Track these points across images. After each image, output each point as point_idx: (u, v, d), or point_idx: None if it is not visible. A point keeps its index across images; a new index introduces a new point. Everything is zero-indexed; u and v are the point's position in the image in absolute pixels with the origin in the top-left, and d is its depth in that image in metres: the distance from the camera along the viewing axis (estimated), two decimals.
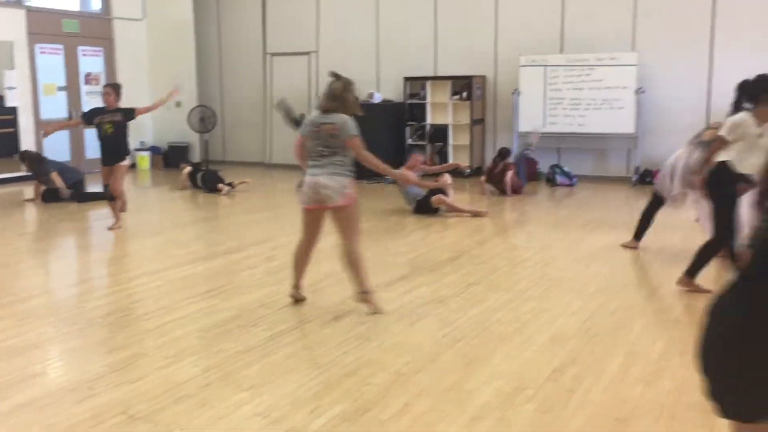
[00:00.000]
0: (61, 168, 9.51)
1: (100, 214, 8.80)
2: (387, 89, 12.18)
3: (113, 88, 7.45)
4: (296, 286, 4.89)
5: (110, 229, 7.41)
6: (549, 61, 11.07)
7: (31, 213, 8.87)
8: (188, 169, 10.51)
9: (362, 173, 11.57)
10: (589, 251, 6.42)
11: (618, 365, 3.80)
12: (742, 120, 4.97)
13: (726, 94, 5.96)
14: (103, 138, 7.41)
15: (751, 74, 5.29)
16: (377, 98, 11.87)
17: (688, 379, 3.58)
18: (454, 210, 8.16)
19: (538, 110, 11.15)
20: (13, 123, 11.33)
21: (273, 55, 13.22)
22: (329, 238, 6.01)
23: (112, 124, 7.35)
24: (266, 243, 6.84)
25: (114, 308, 4.81)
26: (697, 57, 10.39)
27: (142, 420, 3.14)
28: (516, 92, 11.21)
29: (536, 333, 4.32)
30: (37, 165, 9.31)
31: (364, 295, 4.67)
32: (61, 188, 9.19)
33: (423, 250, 6.69)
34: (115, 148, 7.44)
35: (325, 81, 12.44)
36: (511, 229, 7.74)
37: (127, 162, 7.63)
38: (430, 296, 5.12)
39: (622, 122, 10.63)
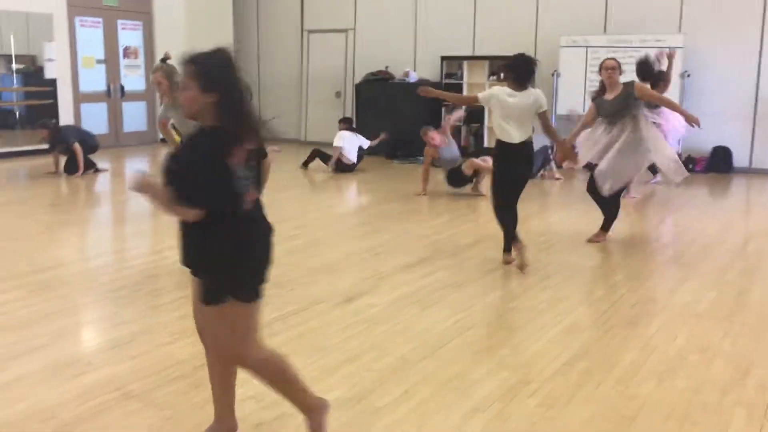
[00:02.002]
0: (81, 135, 9.51)
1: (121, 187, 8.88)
2: (423, 68, 11.99)
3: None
4: None
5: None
6: (591, 42, 10.73)
7: (55, 185, 8.95)
8: None
9: (394, 154, 11.49)
10: (618, 239, 6.21)
11: (631, 360, 3.64)
12: None
13: None
14: None
15: None
16: (413, 77, 11.70)
17: (705, 379, 3.41)
18: (487, 171, 7.95)
19: (578, 93, 10.83)
20: (53, 95, 11.47)
21: (310, 32, 13.12)
22: (354, 218, 5.93)
23: None
24: (291, 222, 6.79)
25: (127, 282, 4.80)
26: (746, 40, 9.95)
27: (136, 398, 3.11)
28: (555, 74, 10.91)
29: (550, 323, 4.17)
30: (55, 135, 9.30)
31: None
32: (78, 164, 9.19)
33: (448, 233, 6.56)
34: None
35: (361, 59, 12.45)
36: (541, 214, 7.54)
37: None
38: (448, 281, 5.00)
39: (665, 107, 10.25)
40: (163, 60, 4.65)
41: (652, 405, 3.17)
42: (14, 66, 11.74)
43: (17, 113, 12.33)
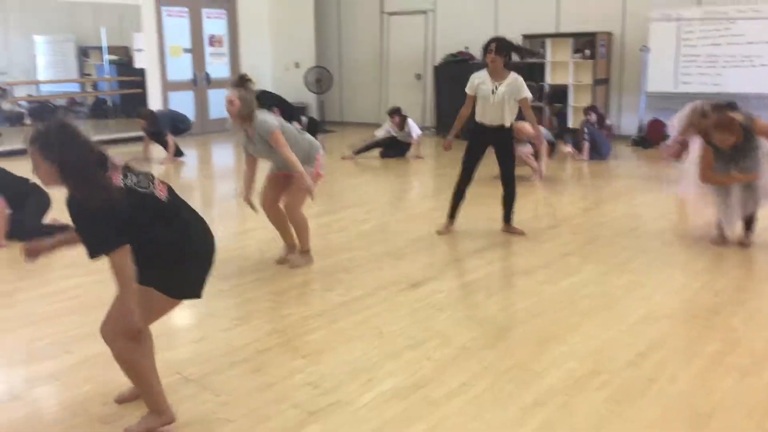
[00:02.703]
0: (174, 119, 9.77)
1: (214, 174, 9.09)
2: None
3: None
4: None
5: None
6: (683, 15, 10.17)
7: (152, 170, 9.25)
8: None
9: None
10: (706, 224, 5.84)
11: (711, 352, 3.40)
12: None
13: None
14: None
15: None
16: None
17: None
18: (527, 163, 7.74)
19: (669, 69, 10.32)
20: (142, 84, 11.87)
21: (390, 14, 13.02)
22: (426, 202, 5.83)
23: None
24: (361, 206, 6.75)
25: None
26: None
27: (195, 383, 3.14)
28: (645, 49, 10.41)
29: (626, 311, 3.96)
30: (151, 123, 9.60)
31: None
32: (169, 153, 9.46)
33: (523, 216, 6.34)
34: None
35: (441, 40, 12.25)
36: (624, 195, 7.20)
37: None
38: (519, 266, 4.85)
39: (764, 81, 9.60)
40: (242, 80, 4.44)
41: (732, 401, 2.94)
42: (107, 57, 12.24)
43: (110, 102, 12.87)
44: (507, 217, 5.66)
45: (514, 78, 5.32)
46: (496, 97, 5.31)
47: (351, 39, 13.60)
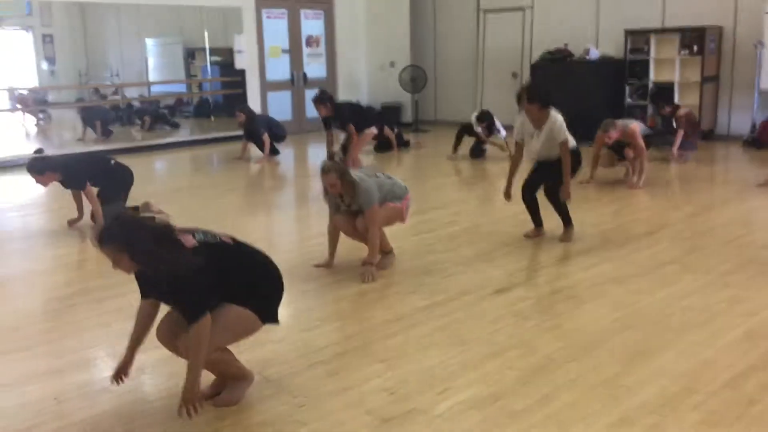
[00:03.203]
0: (271, 124, 9.99)
1: (309, 172, 9.22)
2: (606, 44, 11.25)
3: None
4: None
5: None
6: None
7: (239, 170, 9.48)
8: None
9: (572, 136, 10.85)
10: None
11: None
12: None
13: None
14: None
15: None
16: (594, 54, 11.03)
17: None
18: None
19: None
20: (242, 84, 12.20)
21: (486, 11, 12.82)
22: (515, 205, 5.72)
23: None
24: (448, 208, 6.66)
25: (284, 266, 4.89)
26: None
27: (274, 383, 3.16)
28: (759, 44, 9.77)
29: (727, 327, 3.70)
30: (249, 119, 9.83)
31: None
32: (265, 152, 9.65)
33: (619, 221, 6.11)
34: None
35: (539, 37, 11.94)
36: (733, 200, 6.77)
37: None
38: (612, 274, 4.62)
39: None
40: (331, 158, 4.49)
41: None
42: (210, 58, 12.65)
43: (212, 102, 13.30)
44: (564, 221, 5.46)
45: (553, 121, 5.19)
46: (538, 142, 5.26)
47: (446, 37, 13.49)
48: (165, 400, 3.04)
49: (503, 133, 9.58)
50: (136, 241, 2.64)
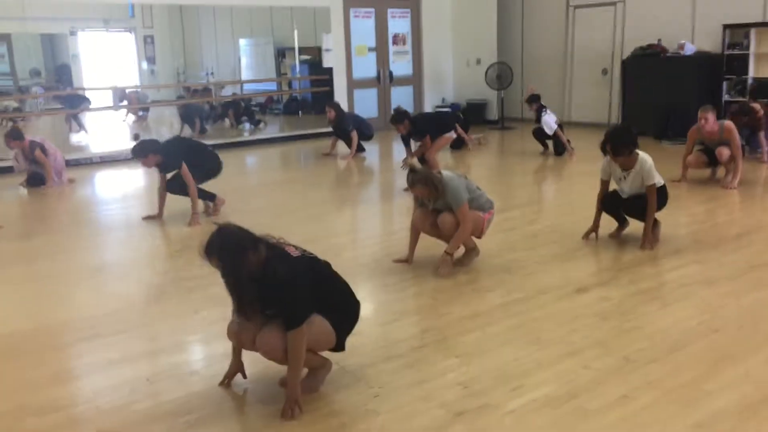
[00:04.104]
0: (358, 123, 10.17)
1: (394, 168, 9.32)
2: (702, 39, 10.84)
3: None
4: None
5: None
6: None
7: (327, 166, 9.68)
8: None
9: (664, 134, 10.52)
10: None
11: None
12: None
13: None
14: None
15: None
16: (689, 50, 10.66)
17: None
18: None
19: None
20: (329, 82, 12.44)
21: (576, 7, 12.58)
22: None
23: None
24: (530, 206, 6.61)
25: (367, 260, 5.04)
26: None
27: (350, 374, 3.26)
28: None
29: None
30: (339, 116, 10.02)
31: None
32: (351, 150, 9.84)
33: (708, 223, 5.90)
34: None
35: (631, 32, 11.61)
36: None
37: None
38: (699, 276, 4.50)
39: None
40: (412, 170, 4.57)
41: None
42: (299, 57, 12.97)
43: (301, 100, 13.62)
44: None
45: (641, 165, 5.04)
46: (626, 184, 5.16)
47: (534, 34, 13.32)
48: (248, 384, 3.19)
49: (553, 122, 9.41)
50: (233, 251, 2.80)
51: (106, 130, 12.73)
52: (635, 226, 5.36)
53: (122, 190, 8.55)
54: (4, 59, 12.09)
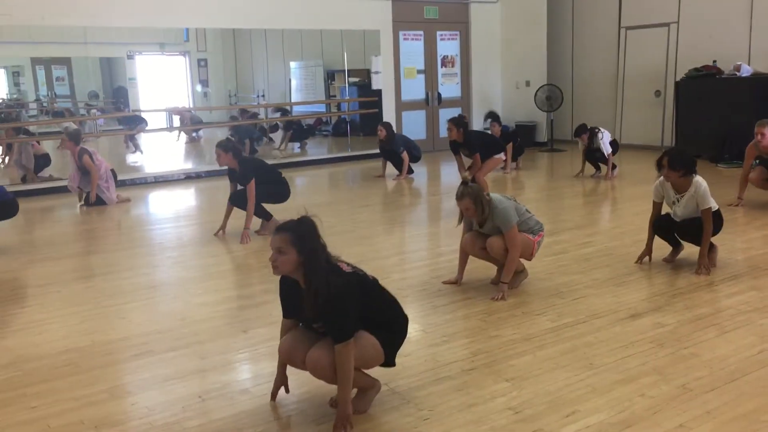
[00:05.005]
0: (408, 143, 10.21)
1: (441, 190, 9.32)
2: (759, 61, 10.62)
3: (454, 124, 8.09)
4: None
5: None
6: None
7: (377, 187, 9.72)
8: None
9: (720, 158, 10.27)
10: None
11: None
12: None
13: None
14: None
15: None
16: (746, 71, 10.43)
17: None
18: None
19: None
20: (378, 104, 12.53)
21: (628, 28, 12.45)
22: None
23: None
24: (584, 229, 6.51)
25: (415, 281, 5.03)
26: None
27: (399, 395, 3.24)
28: None
29: None
30: (389, 136, 10.05)
31: None
32: (402, 171, 9.89)
33: (767, 249, 5.72)
34: None
35: (684, 54, 11.42)
36: None
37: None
38: (758, 303, 4.36)
39: None
40: (465, 183, 4.57)
41: None
42: (348, 79, 13.11)
43: (349, 122, 13.74)
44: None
45: (696, 188, 4.92)
46: (679, 208, 5.04)
47: (585, 55, 13.22)
48: (298, 404, 3.20)
49: (608, 144, 9.27)
50: (309, 241, 2.85)
51: (160, 151, 13.04)
52: (689, 250, 5.24)
53: (175, 210, 8.73)
54: (64, 82, 12.53)
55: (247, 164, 6.64)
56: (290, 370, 3.20)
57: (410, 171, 10.18)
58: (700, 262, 4.96)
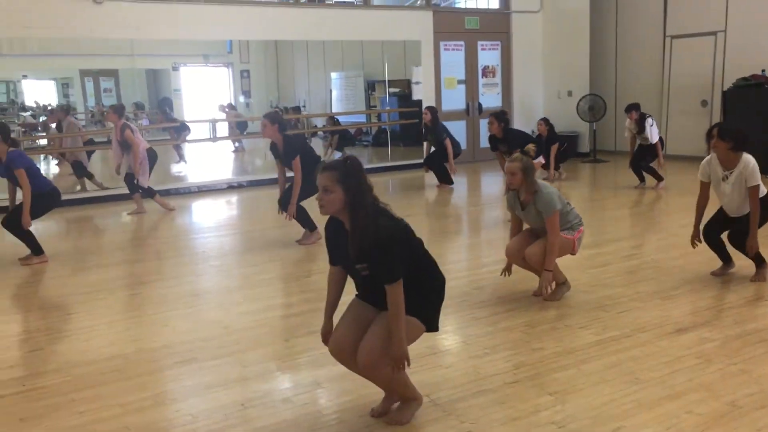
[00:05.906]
0: (450, 136, 10.15)
1: (482, 201, 9.28)
2: None
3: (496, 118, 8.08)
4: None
5: None
6: None
7: (418, 196, 9.70)
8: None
9: (765, 169, 10.03)
10: None
11: None
12: None
13: None
14: None
15: None
16: None
17: None
18: None
19: None
20: (418, 114, 12.52)
21: (673, 37, 12.25)
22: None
23: None
24: (628, 241, 6.41)
25: (455, 293, 4.97)
26: None
27: (441, 407, 3.22)
28: None
29: None
30: (433, 122, 10.02)
31: None
32: (449, 159, 9.91)
33: None
34: None
35: (732, 63, 11.18)
36: None
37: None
38: None
39: None
40: (524, 152, 4.51)
41: None
42: (389, 89, 13.16)
43: (390, 132, 13.79)
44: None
45: (744, 164, 4.78)
46: (728, 186, 4.85)
47: (629, 65, 13.04)
48: (339, 414, 3.20)
49: (655, 135, 9.13)
50: (356, 179, 2.80)
51: (203, 161, 13.24)
52: (742, 263, 5.12)
53: (217, 219, 8.84)
54: (111, 93, 12.81)
55: (292, 141, 6.53)
56: (330, 378, 3.20)
57: (450, 182, 10.14)
58: (749, 244, 4.82)
